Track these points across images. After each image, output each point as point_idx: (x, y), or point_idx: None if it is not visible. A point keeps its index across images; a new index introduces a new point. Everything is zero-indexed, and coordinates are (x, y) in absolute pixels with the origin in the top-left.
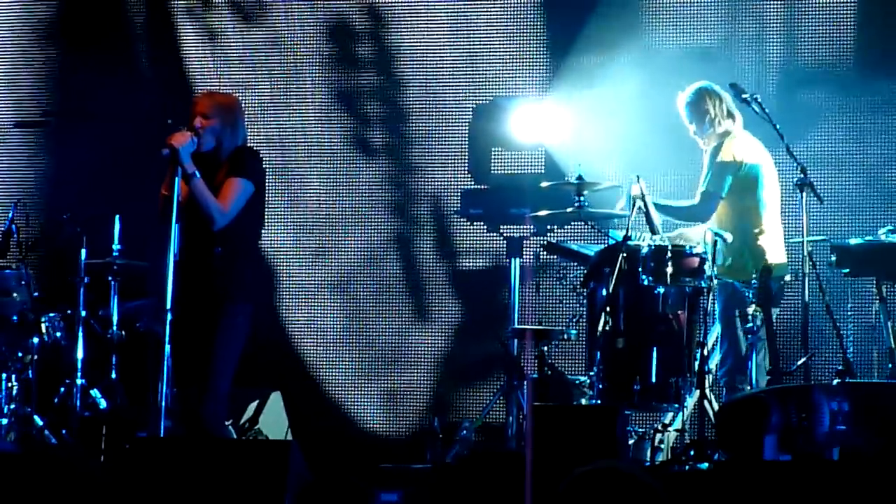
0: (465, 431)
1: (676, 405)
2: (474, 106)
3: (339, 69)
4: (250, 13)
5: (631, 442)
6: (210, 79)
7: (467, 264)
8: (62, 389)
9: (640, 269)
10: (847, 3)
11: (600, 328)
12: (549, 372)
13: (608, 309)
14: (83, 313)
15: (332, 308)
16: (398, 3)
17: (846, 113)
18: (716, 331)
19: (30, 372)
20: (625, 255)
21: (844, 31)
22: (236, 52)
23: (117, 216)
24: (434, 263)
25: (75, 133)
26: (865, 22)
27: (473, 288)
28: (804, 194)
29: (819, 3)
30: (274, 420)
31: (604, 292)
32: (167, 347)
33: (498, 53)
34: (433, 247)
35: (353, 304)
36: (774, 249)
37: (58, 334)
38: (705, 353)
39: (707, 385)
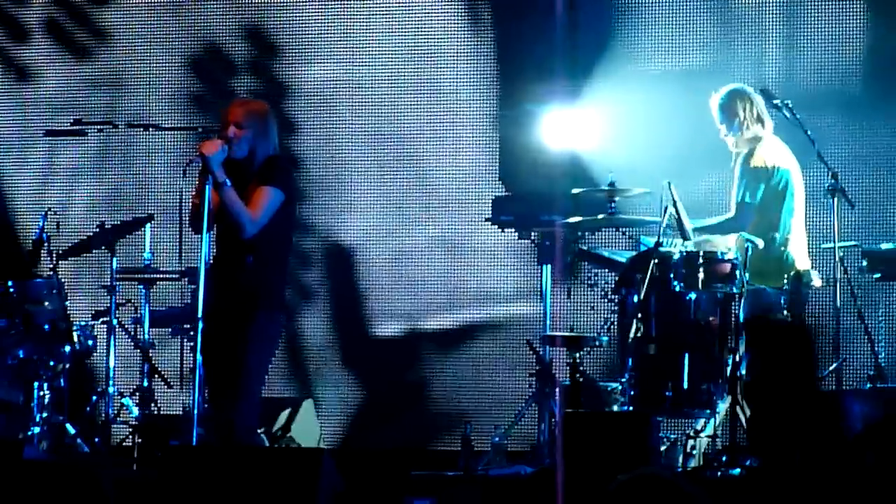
0: (496, 438)
1: (708, 411)
2: (504, 113)
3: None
4: None
5: (663, 448)
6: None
7: (498, 271)
8: (94, 398)
9: (671, 276)
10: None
11: (632, 334)
12: (581, 378)
13: (640, 315)
14: (114, 321)
15: (361, 314)
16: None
17: (877, 118)
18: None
19: (62, 380)
20: (656, 261)
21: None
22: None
23: (148, 224)
24: (465, 270)
25: (107, 141)
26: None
27: (504, 295)
28: (836, 199)
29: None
30: (306, 428)
31: (635, 298)
32: (199, 355)
33: (526, 60)
34: (464, 254)
35: (383, 310)
36: (804, 255)
37: (89, 342)
38: (737, 358)
39: (738, 391)
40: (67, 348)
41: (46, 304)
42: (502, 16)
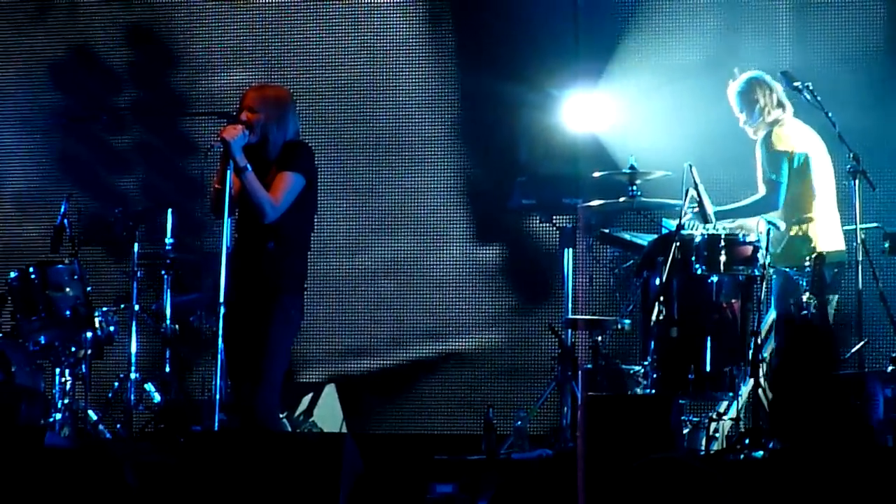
0: (519, 422)
1: (731, 394)
2: (526, 96)
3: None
4: None
5: (686, 431)
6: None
7: (520, 255)
8: (116, 384)
9: (693, 259)
10: None
11: (654, 317)
12: (603, 362)
13: (662, 298)
14: (136, 307)
15: (384, 300)
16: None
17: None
18: (770, 318)
19: (83, 366)
20: (678, 244)
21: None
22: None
23: (170, 209)
24: (487, 254)
25: (128, 127)
26: None
27: (526, 278)
28: (857, 182)
29: None
30: (328, 413)
31: (657, 282)
32: (220, 341)
33: (548, 44)
34: (486, 238)
35: (405, 296)
36: (828, 236)
37: (111, 329)
38: (759, 341)
39: (761, 374)
40: (89, 334)
41: (68, 290)
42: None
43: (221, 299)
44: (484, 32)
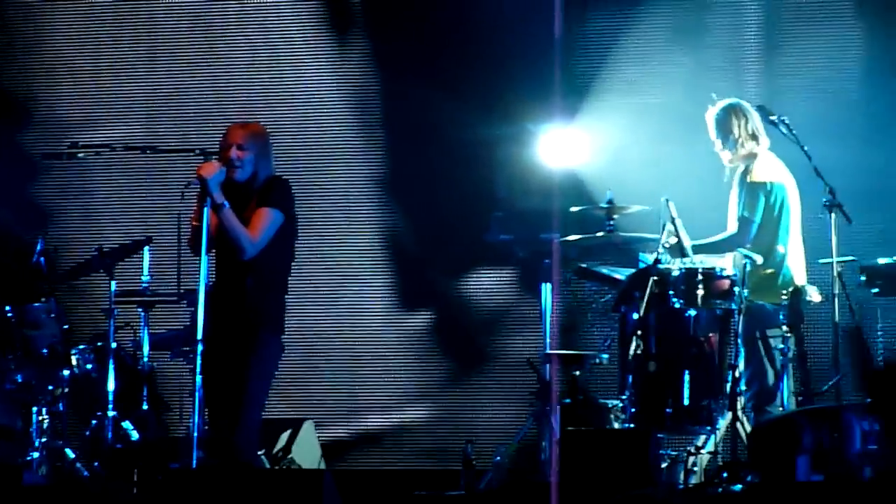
0: (498, 457)
1: (709, 427)
2: (502, 132)
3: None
4: None
5: (664, 465)
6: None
7: (498, 290)
8: (93, 422)
9: (670, 292)
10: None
11: (632, 352)
12: (582, 396)
13: (639, 332)
14: (113, 345)
15: (361, 336)
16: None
17: (872, 132)
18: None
19: (60, 405)
20: (655, 278)
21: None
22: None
23: (147, 247)
24: (465, 290)
25: (103, 164)
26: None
27: (504, 313)
28: (833, 215)
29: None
30: (307, 449)
31: (635, 316)
32: (198, 378)
33: (525, 79)
34: (464, 273)
35: (383, 332)
36: (800, 271)
37: (88, 366)
38: (737, 375)
39: (739, 407)
40: (66, 372)
41: (45, 328)
42: (500, 36)
43: (199, 336)
44: (460, 66)
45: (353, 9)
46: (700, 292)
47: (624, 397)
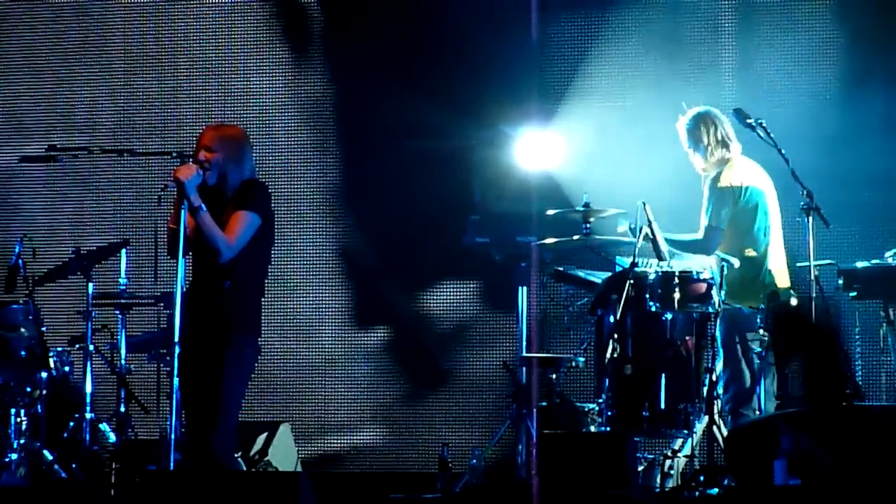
0: (474, 461)
1: (685, 431)
2: (479, 135)
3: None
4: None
5: (640, 468)
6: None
7: (474, 293)
8: (71, 424)
9: (647, 296)
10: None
11: (608, 355)
12: (558, 399)
13: (616, 336)
14: (91, 347)
15: (337, 339)
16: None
17: (851, 136)
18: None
19: (38, 407)
20: (632, 281)
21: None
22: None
23: (124, 249)
24: (440, 293)
25: (81, 167)
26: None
27: (480, 317)
28: (811, 218)
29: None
30: (283, 452)
31: (611, 319)
32: (175, 380)
33: (502, 82)
34: (440, 277)
35: (359, 335)
36: (780, 274)
37: (66, 368)
38: (713, 378)
39: (716, 410)
40: (44, 374)
41: (22, 330)
42: (476, 40)
43: (176, 339)
44: (436, 70)
45: (313, 15)
46: (676, 296)
47: (600, 400)
